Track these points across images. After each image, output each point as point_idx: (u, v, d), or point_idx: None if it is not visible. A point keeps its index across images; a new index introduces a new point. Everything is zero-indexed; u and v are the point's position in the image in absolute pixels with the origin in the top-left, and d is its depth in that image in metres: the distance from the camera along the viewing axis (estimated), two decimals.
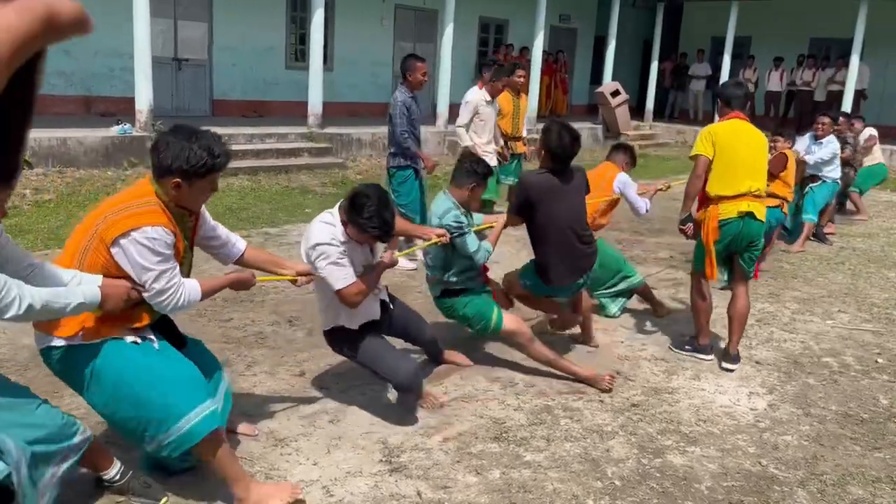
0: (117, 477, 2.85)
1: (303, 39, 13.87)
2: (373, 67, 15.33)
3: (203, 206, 3.01)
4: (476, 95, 7.04)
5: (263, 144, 11.10)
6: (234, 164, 8.52)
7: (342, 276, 3.43)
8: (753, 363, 4.72)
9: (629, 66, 21.06)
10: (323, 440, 3.43)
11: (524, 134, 7.86)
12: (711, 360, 4.69)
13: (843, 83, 16.03)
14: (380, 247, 3.86)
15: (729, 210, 4.47)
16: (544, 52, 16.08)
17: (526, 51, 16.59)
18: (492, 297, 4.29)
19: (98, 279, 2.57)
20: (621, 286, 5.38)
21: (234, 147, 10.57)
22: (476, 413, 3.80)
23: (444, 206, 4.12)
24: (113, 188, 8.47)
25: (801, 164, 7.58)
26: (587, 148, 15.57)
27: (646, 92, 18.79)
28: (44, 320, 2.52)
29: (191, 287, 2.81)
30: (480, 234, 4.33)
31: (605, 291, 5.40)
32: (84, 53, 11.57)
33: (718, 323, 5.06)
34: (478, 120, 7.00)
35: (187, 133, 2.74)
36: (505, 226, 4.48)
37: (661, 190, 5.83)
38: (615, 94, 15.96)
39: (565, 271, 4.29)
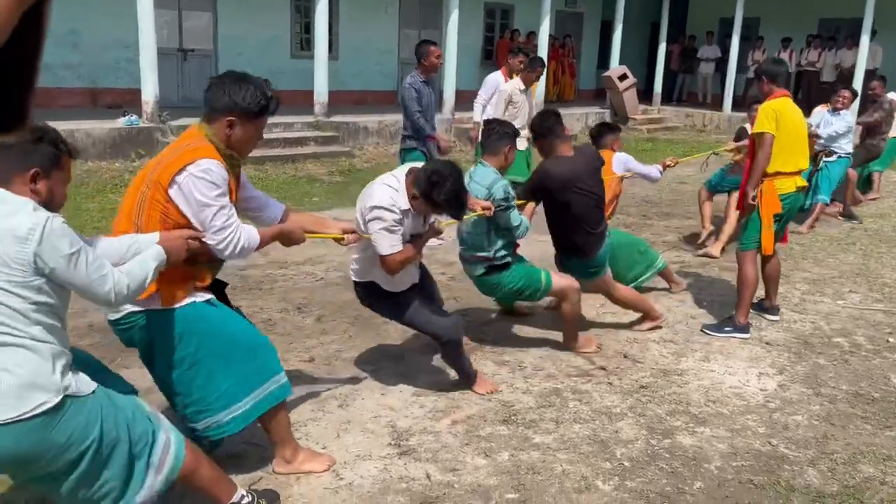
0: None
1: (307, 28, 13.83)
2: (378, 55, 15.28)
3: (243, 174, 3.03)
4: (510, 84, 7.15)
5: (270, 134, 11.08)
6: None
7: (391, 244, 3.41)
8: (763, 344, 4.70)
9: (636, 50, 20.88)
10: (332, 424, 3.44)
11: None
12: (749, 337, 4.75)
13: (852, 64, 15.85)
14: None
15: (788, 185, 4.71)
16: (551, 36, 15.96)
17: (533, 36, 16.49)
18: (526, 261, 4.29)
19: (155, 237, 2.54)
20: (647, 275, 5.34)
21: None
22: (484, 396, 3.80)
23: (489, 176, 4.07)
24: (121, 179, 8.50)
25: (812, 137, 7.54)
26: None
27: (653, 75, 18.63)
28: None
29: (249, 230, 2.79)
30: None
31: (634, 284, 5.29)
32: (90, 46, 11.58)
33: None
34: (511, 108, 7.00)
35: (239, 76, 2.80)
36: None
37: (669, 165, 5.80)
38: (623, 77, 15.84)
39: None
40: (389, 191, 3.43)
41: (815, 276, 6.24)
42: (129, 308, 2.69)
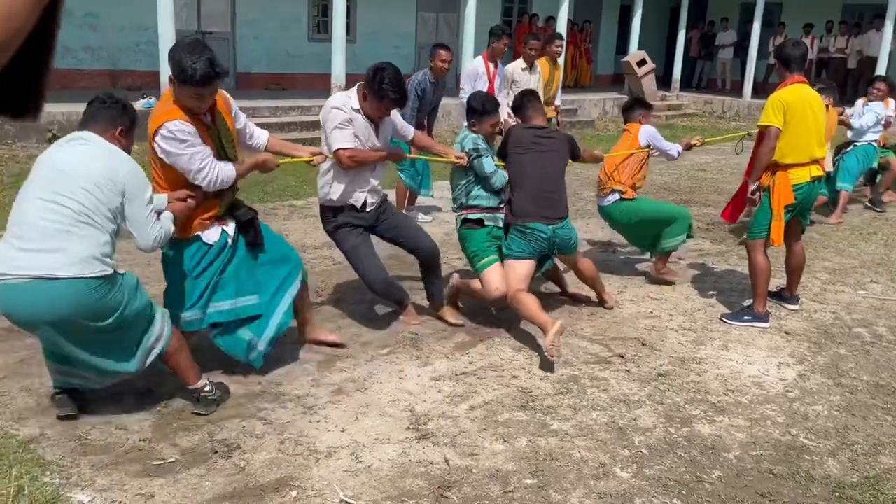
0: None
1: (325, 11, 13.79)
2: (396, 39, 15.21)
3: (235, 108, 3.66)
4: (512, 64, 7.36)
5: (287, 117, 11.09)
6: None
7: (342, 138, 4.03)
8: (783, 333, 4.66)
9: (656, 35, 20.65)
10: (351, 408, 3.46)
11: (557, 102, 8.10)
12: (769, 326, 4.69)
13: (876, 50, 15.58)
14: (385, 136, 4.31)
15: (801, 175, 4.59)
16: (569, 21, 15.82)
17: (552, 20, 16.34)
18: (497, 249, 4.46)
19: (164, 200, 3.29)
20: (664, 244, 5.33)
21: (259, 120, 10.58)
22: (502, 382, 3.80)
23: (465, 135, 4.54)
24: (140, 161, 8.53)
25: (843, 124, 7.58)
26: (613, 118, 15.39)
27: (672, 61, 18.41)
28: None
29: (225, 167, 3.41)
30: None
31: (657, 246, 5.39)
32: (109, 28, 11.61)
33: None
34: (515, 87, 7.07)
35: (189, 46, 3.32)
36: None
37: (695, 145, 5.78)
38: (641, 63, 15.68)
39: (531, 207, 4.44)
40: (342, 95, 4.18)
41: (835, 265, 6.18)
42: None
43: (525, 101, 4.80)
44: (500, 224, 4.50)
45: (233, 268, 3.58)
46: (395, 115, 4.37)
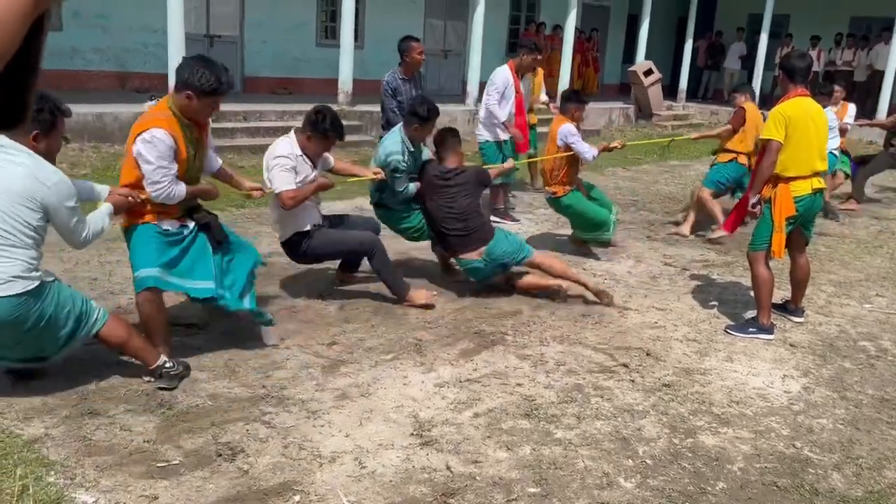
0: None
1: (333, 16, 13.84)
2: None
3: (209, 126, 3.95)
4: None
5: (294, 122, 11.09)
6: (264, 140, 8.56)
7: (285, 182, 4.42)
8: (788, 346, 4.66)
9: (663, 45, 20.67)
10: (355, 413, 3.46)
11: (543, 98, 8.40)
12: (773, 338, 4.69)
13: (884, 64, 15.58)
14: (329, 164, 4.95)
15: (803, 187, 4.58)
16: (577, 30, 15.85)
17: (559, 29, 16.37)
18: (420, 220, 5.24)
19: (106, 190, 3.59)
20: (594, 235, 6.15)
21: (265, 124, 10.63)
22: (506, 390, 3.80)
23: (391, 147, 5.05)
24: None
25: None
26: (619, 128, 15.40)
27: (679, 71, 18.44)
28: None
29: (178, 188, 3.66)
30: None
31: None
32: (118, 29, 11.66)
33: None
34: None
35: (202, 60, 3.63)
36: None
37: (615, 147, 6.23)
38: (648, 73, 15.71)
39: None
40: (287, 143, 4.54)
41: (841, 278, 6.17)
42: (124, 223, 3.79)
43: (445, 140, 5.21)
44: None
45: (192, 253, 3.82)
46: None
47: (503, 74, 7.16)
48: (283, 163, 4.44)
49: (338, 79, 11.88)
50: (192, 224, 3.85)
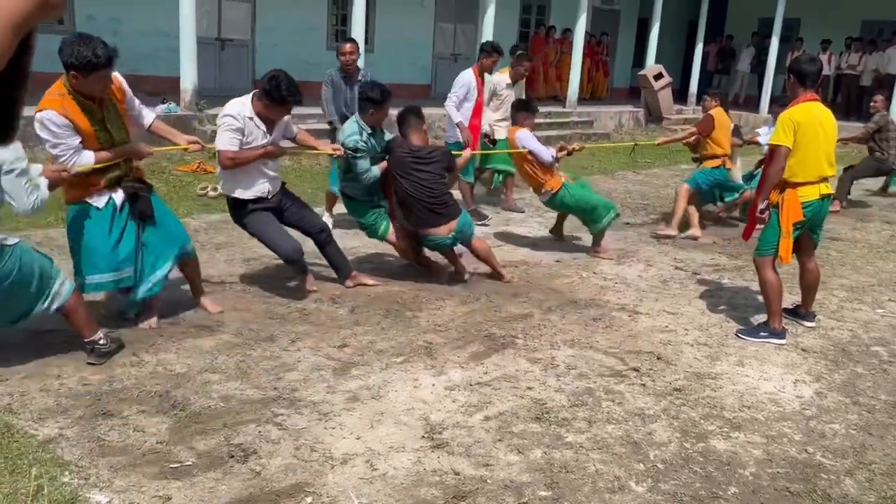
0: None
1: (344, 20, 13.89)
2: (413, 49, 15.28)
3: (129, 94, 4.14)
4: (497, 77, 7.74)
5: (304, 125, 11.06)
6: None
7: (226, 141, 4.47)
8: (800, 350, 4.64)
9: (673, 49, 20.64)
10: (366, 415, 3.47)
11: None
12: (785, 343, 4.68)
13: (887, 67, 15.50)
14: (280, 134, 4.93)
15: (811, 193, 4.57)
16: (587, 33, 15.84)
17: (569, 33, 16.37)
18: (385, 214, 5.35)
19: (39, 168, 3.64)
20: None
21: None
22: (517, 393, 3.80)
23: (350, 129, 5.17)
24: (158, 166, 8.63)
25: (752, 143, 8.13)
26: (629, 131, 15.38)
27: (689, 75, 18.40)
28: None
29: (83, 156, 3.84)
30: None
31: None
32: (131, 33, 11.73)
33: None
34: (496, 100, 7.67)
35: (80, 38, 3.69)
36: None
37: (574, 150, 6.50)
38: (658, 77, 15.68)
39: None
40: (237, 103, 4.54)
41: (853, 283, 6.14)
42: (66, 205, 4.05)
43: (407, 119, 5.35)
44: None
45: (125, 240, 4.03)
46: (287, 117, 4.85)
47: (465, 78, 7.42)
48: (230, 123, 4.46)
49: None
50: (120, 195, 4.03)
